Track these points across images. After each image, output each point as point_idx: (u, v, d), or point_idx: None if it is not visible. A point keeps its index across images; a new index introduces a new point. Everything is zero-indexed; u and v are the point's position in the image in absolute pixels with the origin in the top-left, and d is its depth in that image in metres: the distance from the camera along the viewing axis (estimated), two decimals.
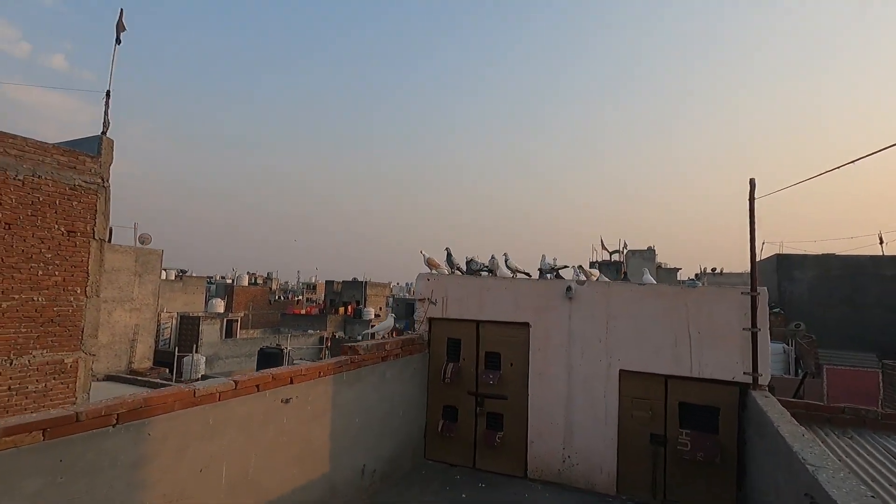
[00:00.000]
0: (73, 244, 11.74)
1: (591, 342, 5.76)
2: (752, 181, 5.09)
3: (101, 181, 12.23)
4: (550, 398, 5.87)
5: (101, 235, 12.33)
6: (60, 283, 11.47)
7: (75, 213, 11.68)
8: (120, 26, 13.06)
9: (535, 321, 6.03)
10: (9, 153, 10.70)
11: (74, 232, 11.70)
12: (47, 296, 11.25)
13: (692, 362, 5.33)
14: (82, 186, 11.83)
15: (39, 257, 11.19)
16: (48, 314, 11.25)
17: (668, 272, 44.02)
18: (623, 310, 5.66)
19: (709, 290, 5.40)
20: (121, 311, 25.55)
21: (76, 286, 11.76)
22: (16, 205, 10.78)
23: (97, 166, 12.22)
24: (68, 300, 11.66)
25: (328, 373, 4.70)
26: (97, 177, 12.12)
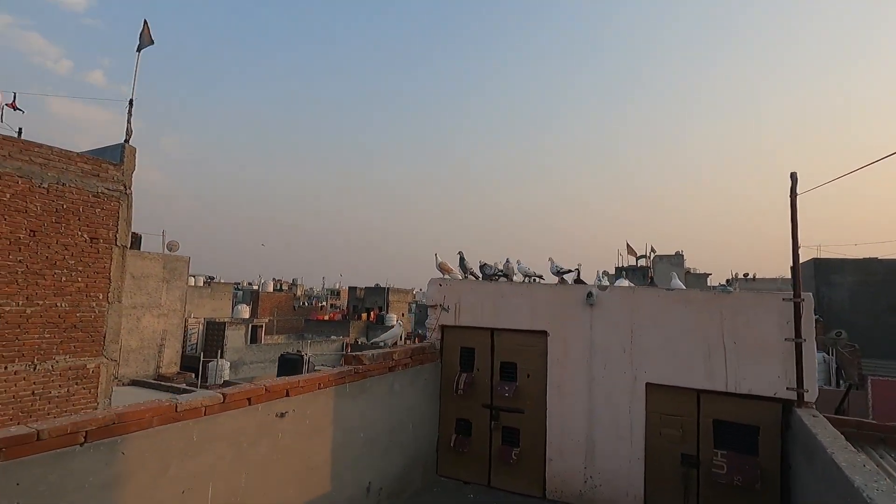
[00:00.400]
0: (95, 251, 11.81)
1: (614, 352, 5.31)
2: (793, 175, 4.59)
3: (124, 188, 12.31)
4: (570, 413, 5.43)
5: (123, 242, 12.40)
6: (83, 290, 11.54)
7: (98, 220, 11.76)
8: (145, 37, 13.18)
9: (554, 329, 5.60)
10: (34, 161, 10.82)
11: (97, 239, 11.77)
12: (70, 301, 11.31)
13: (727, 376, 4.82)
14: (105, 194, 11.91)
15: (63, 264, 11.27)
16: (71, 320, 11.31)
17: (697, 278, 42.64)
18: (649, 318, 5.19)
19: (745, 297, 4.90)
20: (149, 316, 25.99)
21: (98, 292, 11.82)
22: (41, 212, 10.89)
23: (120, 174, 12.31)
24: (91, 306, 11.72)
25: (329, 384, 4.39)
26: (119, 184, 12.20)
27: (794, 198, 4.56)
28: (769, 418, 4.69)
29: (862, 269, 24.11)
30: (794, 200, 4.55)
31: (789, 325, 4.64)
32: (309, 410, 4.17)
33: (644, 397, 5.15)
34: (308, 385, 4.17)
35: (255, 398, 3.68)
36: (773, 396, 4.66)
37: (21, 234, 10.62)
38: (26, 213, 10.54)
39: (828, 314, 22.56)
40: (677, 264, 39.05)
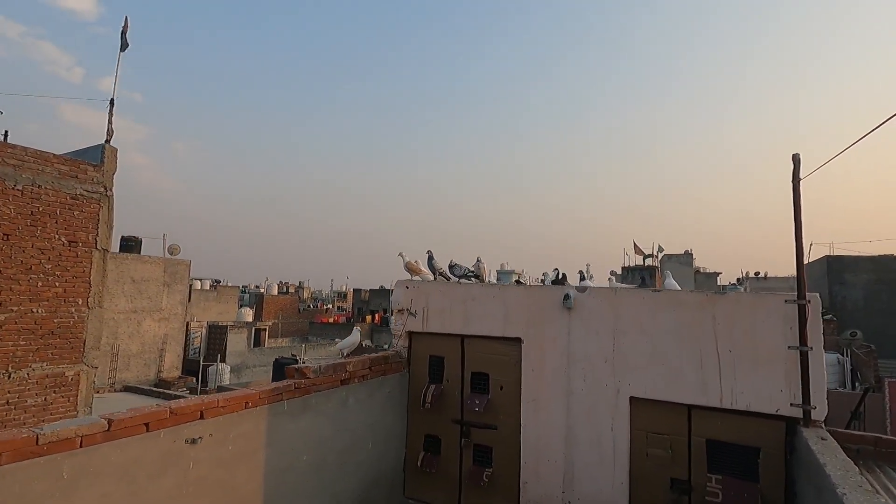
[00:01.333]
0: (74, 254, 11.37)
1: (594, 362, 4.66)
2: (795, 157, 3.92)
3: (104, 190, 11.87)
4: (547, 430, 4.79)
5: (105, 245, 11.95)
6: (61, 295, 11.10)
7: (77, 223, 11.32)
8: (126, 35, 12.76)
9: (529, 336, 4.97)
10: (7, 163, 10.39)
11: (76, 242, 11.33)
12: (47, 307, 10.88)
13: (722, 389, 4.16)
14: (84, 195, 11.47)
15: (39, 268, 10.82)
16: (48, 326, 10.87)
17: (706, 277, 41.57)
18: (634, 323, 4.54)
19: (742, 298, 4.23)
20: (150, 320, 25.69)
21: (77, 297, 11.37)
22: (14, 215, 10.45)
23: (100, 175, 11.87)
24: (69, 312, 11.28)
25: (260, 402, 3.80)
26: (100, 185, 11.76)
27: (797, 183, 3.89)
28: (771, 439, 4.02)
29: (877, 267, 23.05)
30: (798, 186, 3.88)
31: (793, 330, 3.96)
32: (233, 434, 3.59)
33: (628, 413, 4.50)
34: (231, 404, 3.59)
35: (157, 423, 3.11)
36: (774, 414, 3.99)
37: None
38: None
39: (842, 314, 21.55)
40: (686, 263, 38.03)
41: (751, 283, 38.85)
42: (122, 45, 12.59)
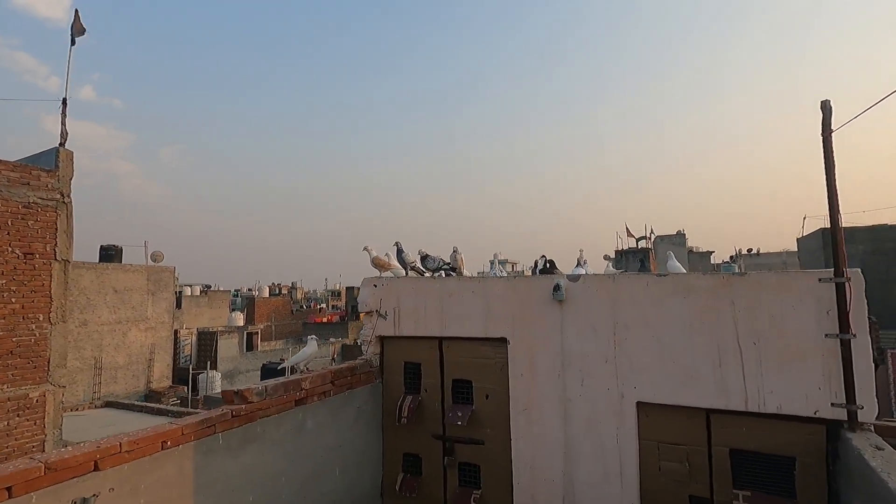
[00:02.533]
0: (31, 267, 10.48)
1: (593, 363, 3.93)
2: (825, 106, 3.18)
3: (61, 197, 10.97)
4: (541, 444, 4.07)
5: (65, 256, 11.05)
6: (19, 311, 10.23)
7: (32, 234, 10.43)
8: (76, 28, 11.82)
9: (515, 336, 4.23)
10: None
11: (32, 254, 10.44)
12: (4, 325, 10.02)
13: (747, 389, 3.44)
14: (38, 203, 10.57)
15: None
16: (7, 345, 10.01)
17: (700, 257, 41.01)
18: (637, 315, 3.81)
19: (765, 279, 3.50)
20: (136, 330, 24.78)
21: (38, 313, 10.51)
22: None
23: (55, 181, 10.95)
24: (29, 329, 10.42)
25: (184, 439, 3.04)
26: (56, 192, 10.86)
27: (829, 135, 3.15)
28: (809, 446, 3.31)
29: (873, 237, 22.54)
30: (829, 138, 3.14)
31: (831, 315, 3.25)
32: (146, 483, 2.84)
33: (635, 421, 3.78)
34: (142, 447, 2.83)
35: (23, 485, 2.35)
36: (812, 416, 3.28)
37: None
38: None
39: None
40: (679, 244, 37.46)
41: (744, 260, 38.35)
42: (72, 40, 11.67)
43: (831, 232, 3.22)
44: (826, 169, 3.15)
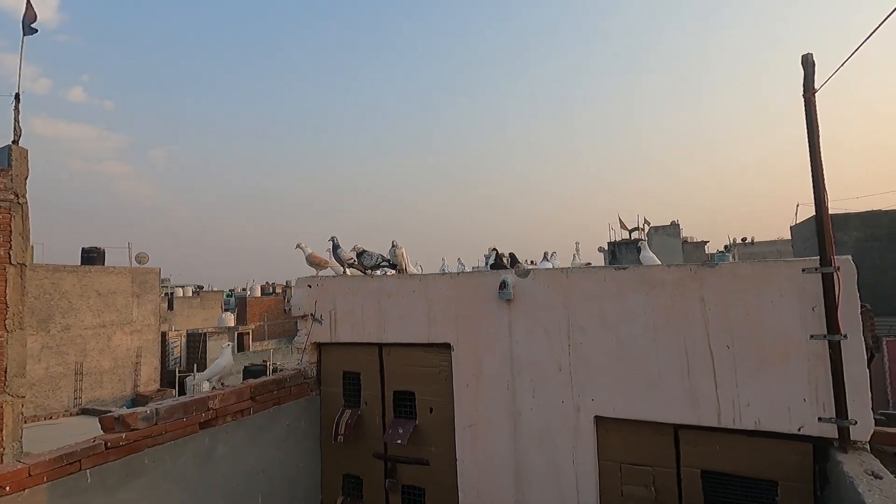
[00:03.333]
0: None
1: (545, 371, 3.38)
2: (806, 60, 2.62)
3: (16, 197, 10.33)
4: (490, 464, 3.52)
5: (20, 259, 10.44)
6: None
7: None
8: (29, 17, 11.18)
9: (460, 340, 3.67)
10: None
11: None
12: None
13: (720, 401, 2.89)
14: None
15: None
16: None
17: (694, 247, 40.53)
18: (594, 314, 3.25)
19: (740, 270, 2.94)
20: (121, 334, 24.17)
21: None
22: None
23: (8, 181, 10.33)
24: None
25: (34, 481, 2.48)
26: (9, 193, 10.22)
27: (812, 94, 2.59)
28: (793, 469, 2.77)
29: (866, 224, 21.99)
30: (812, 99, 2.58)
31: (817, 311, 2.70)
32: None
33: (593, 438, 3.23)
34: None
35: None
36: (796, 433, 2.73)
37: None
38: None
39: None
40: (673, 234, 36.91)
41: (738, 249, 37.82)
42: (25, 30, 11.03)
43: (816, 211, 2.67)
44: (809, 135, 2.58)
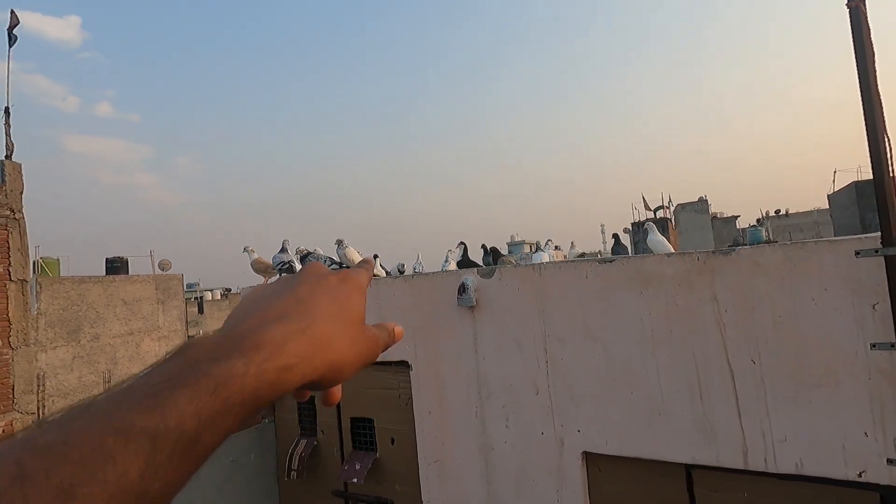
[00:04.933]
0: None
1: (519, 394, 2.66)
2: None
3: (11, 213, 10.11)
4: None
5: (21, 276, 10.25)
6: None
7: None
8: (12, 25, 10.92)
9: (418, 358, 2.99)
10: None
11: None
12: None
13: (745, 434, 2.13)
14: None
15: None
16: None
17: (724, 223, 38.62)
18: (575, 321, 2.52)
19: (763, 257, 2.15)
20: (149, 340, 24.47)
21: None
22: None
23: (2, 196, 10.14)
24: None
25: None
26: (4, 209, 10.01)
27: (860, 2, 1.78)
28: None
29: None
30: (861, 8, 1.78)
31: (879, 310, 1.90)
32: None
33: (583, 479, 2.51)
34: None
35: None
36: (857, 479, 1.96)
37: None
38: None
39: None
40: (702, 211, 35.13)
41: (772, 222, 35.77)
42: (10, 41, 10.78)
43: (874, 171, 1.85)
44: (858, 60, 1.77)
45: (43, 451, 0.20)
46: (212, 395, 0.24)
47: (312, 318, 0.31)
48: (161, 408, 0.23)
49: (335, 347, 0.31)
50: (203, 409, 0.24)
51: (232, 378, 0.25)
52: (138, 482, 0.21)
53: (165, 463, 0.22)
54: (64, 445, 0.20)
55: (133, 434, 0.22)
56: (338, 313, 0.33)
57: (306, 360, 0.29)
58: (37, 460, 0.20)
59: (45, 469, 0.20)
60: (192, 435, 0.23)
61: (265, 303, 0.32)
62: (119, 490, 0.20)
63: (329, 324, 0.31)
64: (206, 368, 0.25)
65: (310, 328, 0.30)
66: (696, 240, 31.52)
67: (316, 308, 0.32)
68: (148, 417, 0.22)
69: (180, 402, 0.23)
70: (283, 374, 0.28)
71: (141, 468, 0.21)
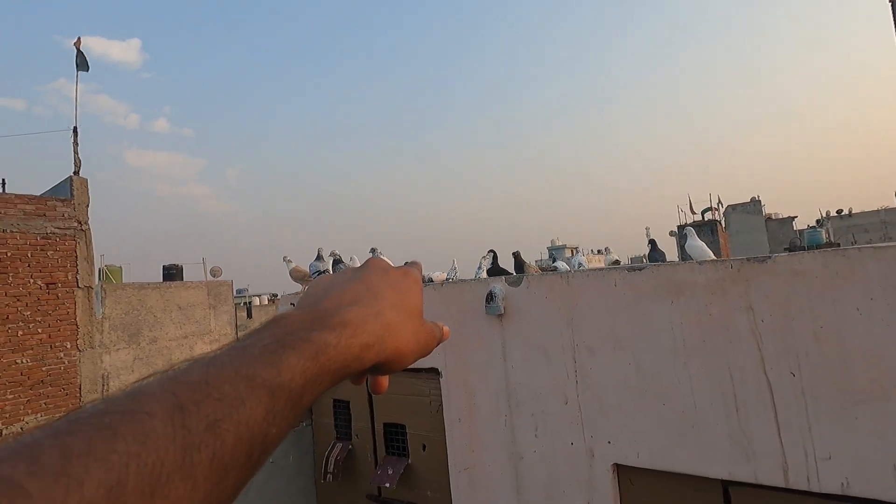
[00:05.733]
0: (54, 296, 10.48)
1: (548, 404, 2.64)
2: None
3: (79, 224, 10.92)
4: None
5: (87, 283, 11.02)
6: (46, 341, 10.25)
7: (52, 263, 10.42)
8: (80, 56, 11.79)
9: (448, 365, 3.02)
10: None
11: (54, 283, 10.43)
12: (32, 356, 10.04)
13: (785, 450, 2.03)
14: (56, 233, 10.56)
15: (17, 316, 9.98)
16: (37, 375, 10.04)
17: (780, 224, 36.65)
18: (604, 331, 2.47)
19: (802, 264, 2.04)
20: (201, 343, 25.65)
21: (65, 341, 10.50)
22: None
23: (71, 210, 10.93)
24: (58, 357, 10.42)
25: None
26: (72, 221, 10.82)
27: None
28: None
29: None
30: None
31: None
32: None
33: (614, 493, 2.45)
34: None
35: None
36: None
37: None
38: None
39: None
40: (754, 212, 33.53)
41: (833, 223, 33.55)
42: (80, 65, 11.64)
43: None
44: None
45: (193, 387, 0.23)
46: (313, 360, 0.27)
47: (382, 304, 0.34)
48: (277, 365, 0.26)
49: (400, 334, 0.34)
50: (307, 370, 0.27)
51: (327, 347, 0.28)
52: (262, 425, 0.24)
53: (279, 412, 0.25)
54: (206, 385, 0.23)
55: (257, 384, 0.25)
56: (402, 304, 0.35)
57: (380, 341, 0.32)
58: (189, 394, 0.23)
59: (196, 402, 0.23)
60: (299, 391, 0.26)
61: (338, 288, 0.34)
62: (248, 430, 0.24)
63: (395, 312, 0.34)
64: (307, 335, 0.28)
65: (381, 314, 0.33)
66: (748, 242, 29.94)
67: (383, 297, 0.34)
68: (268, 371, 0.25)
69: (291, 361, 0.26)
70: (364, 351, 0.31)
71: (263, 414, 0.24)
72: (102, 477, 0.18)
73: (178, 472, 0.21)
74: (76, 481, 0.18)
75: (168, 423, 0.21)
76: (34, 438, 0.19)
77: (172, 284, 28.01)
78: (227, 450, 0.23)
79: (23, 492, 0.17)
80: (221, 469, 0.22)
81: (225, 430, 0.23)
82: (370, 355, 0.31)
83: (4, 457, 0.18)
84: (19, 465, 0.18)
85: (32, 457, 0.18)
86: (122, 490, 0.19)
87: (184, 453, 0.21)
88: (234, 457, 0.23)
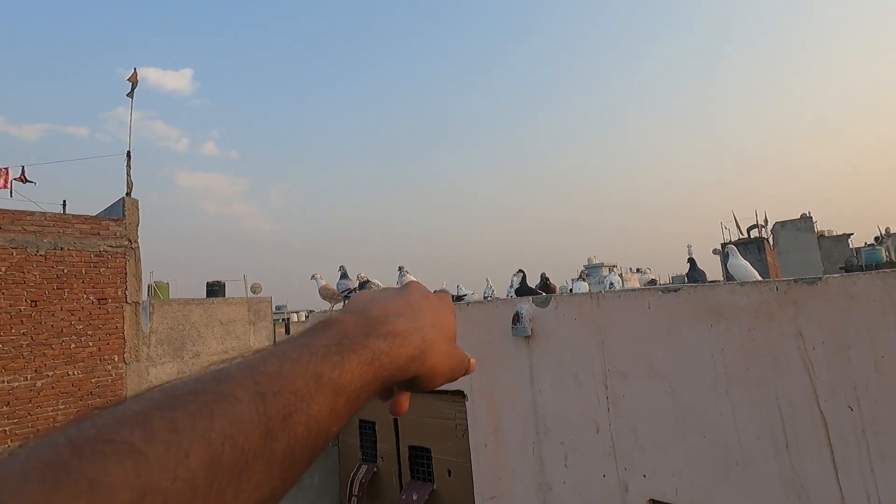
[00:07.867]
0: (105, 311, 11.01)
1: (579, 432, 2.49)
2: None
3: (129, 243, 11.49)
4: None
5: (135, 298, 11.53)
6: (96, 354, 10.73)
7: (104, 280, 10.98)
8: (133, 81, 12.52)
9: (473, 387, 2.91)
10: (27, 230, 10.26)
11: (105, 299, 10.96)
12: (83, 368, 10.53)
13: (844, 494, 1.82)
14: (108, 251, 11.15)
15: (70, 330, 10.53)
16: (87, 387, 10.51)
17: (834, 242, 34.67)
18: (638, 355, 2.32)
19: (858, 287, 1.86)
20: None
21: (113, 354, 10.97)
22: (40, 280, 10.25)
23: (122, 229, 11.53)
24: (106, 370, 10.89)
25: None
26: (124, 239, 11.40)
27: None
28: None
29: None
30: None
31: None
32: None
33: None
34: None
35: None
36: None
37: (22, 305, 10.06)
38: (25, 283, 9.97)
39: None
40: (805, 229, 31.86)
41: (892, 241, 31.47)
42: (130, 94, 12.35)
43: None
44: None
45: (271, 377, 0.24)
46: (369, 365, 0.29)
47: (423, 322, 0.35)
48: (340, 366, 0.27)
49: (436, 353, 0.35)
50: (364, 374, 0.28)
51: (381, 354, 0.30)
52: (326, 422, 0.25)
53: (340, 412, 0.26)
54: (282, 377, 0.24)
55: (324, 382, 0.26)
56: (439, 325, 0.36)
57: (421, 355, 0.33)
58: (268, 384, 0.24)
59: (273, 392, 0.24)
60: (356, 393, 0.28)
61: (383, 301, 0.36)
62: (315, 425, 0.25)
63: (434, 332, 0.35)
64: (364, 342, 0.29)
65: (422, 330, 0.34)
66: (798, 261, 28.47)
67: (424, 315, 0.36)
68: (332, 371, 0.27)
69: (352, 363, 0.28)
70: (409, 362, 0.32)
71: (327, 411, 0.25)
72: (204, 452, 0.20)
73: (260, 458, 0.22)
74: (184, 453, 0.20)
75: (253, 409, 0.22)
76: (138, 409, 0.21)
77: (215, 300, 28.99)
78: (298, 441, 0.24)
79: (143, 457, 0.19)
80: (291, 460, 0.24)
81: (297, 423, 0.24)
82: (412, 367, 0.32)
83: (119, 423, 0.20)
84: (136, 432, 0.19)
85: (146, 426, 0.20)
86: (219, 466, 0.20)
87: (265, 440, 0.22)
88: (302, 449, 0.24)
